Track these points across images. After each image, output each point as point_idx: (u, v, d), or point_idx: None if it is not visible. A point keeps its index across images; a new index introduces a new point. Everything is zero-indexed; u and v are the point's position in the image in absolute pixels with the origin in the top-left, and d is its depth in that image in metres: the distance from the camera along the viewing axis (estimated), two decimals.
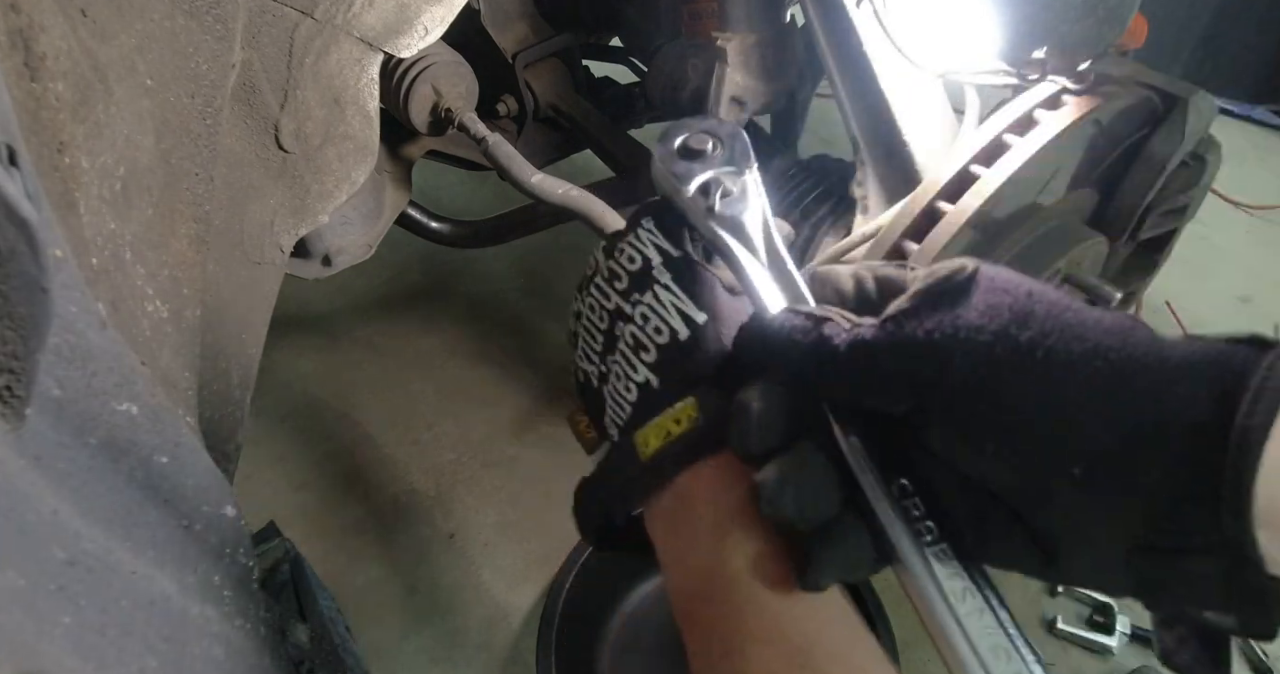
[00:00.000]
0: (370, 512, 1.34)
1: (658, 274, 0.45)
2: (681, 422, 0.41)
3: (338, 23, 0.64)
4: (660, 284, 0.45)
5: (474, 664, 1.15)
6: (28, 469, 0.29)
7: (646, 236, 0.46)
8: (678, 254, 0.45)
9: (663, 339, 0.44)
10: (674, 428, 0.41)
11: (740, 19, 0.96)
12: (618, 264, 0.47)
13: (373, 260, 1.16)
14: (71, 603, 0.30)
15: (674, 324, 0.43)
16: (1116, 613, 1.21)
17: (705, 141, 0.46)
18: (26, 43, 0.34)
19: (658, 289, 0.45)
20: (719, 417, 0.40)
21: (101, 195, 0.40)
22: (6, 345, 0.24)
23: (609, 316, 0.47)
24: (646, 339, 0.44)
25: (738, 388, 0.40)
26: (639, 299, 0.45)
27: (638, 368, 0.44)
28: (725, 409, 0.40)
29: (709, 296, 0.44)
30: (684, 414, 0.41)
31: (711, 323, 0.43)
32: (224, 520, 0.42)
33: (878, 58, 0.86)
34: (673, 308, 0.44)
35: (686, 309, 0.43)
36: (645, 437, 0.42)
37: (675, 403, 0.42)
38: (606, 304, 0.47)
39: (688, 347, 0.43)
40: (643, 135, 1.24)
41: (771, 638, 0.35)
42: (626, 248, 0.47)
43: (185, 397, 0.50)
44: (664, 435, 0.41)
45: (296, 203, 0.68)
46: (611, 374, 0.47)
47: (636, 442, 0.42)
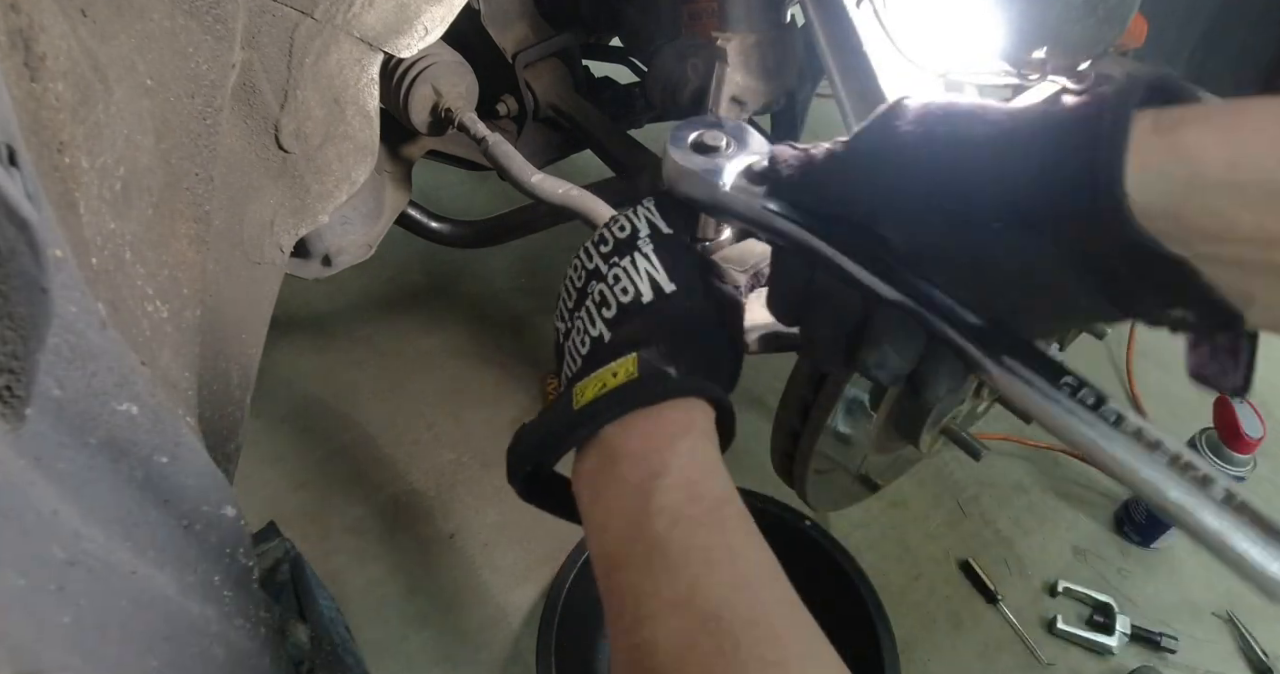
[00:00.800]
0: (370, 512, 1.34)
1: (641, 243, 0.46)
2: (619, 375, 0.41)
3: (338, 23, 0.64)
4: (640, 252, 0.46)
5: (474, 664, 1.15)
6: (28, 469, 0.29)
7: (643, 211, 0.48)
8: (668, 231, 0.47)
9: (626, 298, 0.45)
10: (610, 381, 0.41)
11: (740, 19, 0.96)
12: (609, 231, 0.48)
13: (373, 260, 1.16)
14: (71, 603, 0.30)
15: (641, 286, 0.44)
16: (1116, 613, 1.21)
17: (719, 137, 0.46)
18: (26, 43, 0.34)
19: (636, 255, 0.46)
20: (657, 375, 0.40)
21: (101, 195, 0.40)
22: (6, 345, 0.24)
23: (586, 275, 0.48)
24: (611, 297, 0.45)
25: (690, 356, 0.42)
26: (617, 261, 0.46)
27: (595, 322, 0.46)
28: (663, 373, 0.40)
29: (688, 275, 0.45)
30: (622, 368, 0.41)
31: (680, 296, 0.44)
32: (224, 520, 0.42)
33: (878, 58, 0.86)
34: (645, 273, 0.45)
35: (657, 277, 0.44)
36: (583, 388, 0.42)
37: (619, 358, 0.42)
38: (588, 264, 0.49)
39: (648, 309, 0.44)
40: (643, 135, 1.24)
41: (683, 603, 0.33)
42: (620, 218, 0.49)
43: (185, 397, 0.50)
44: (599, 387, 0.41)
45: (296, 203, 0.68)
46: (574, 330, 0.48)
47: (574, 392, 0.42)
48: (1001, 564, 1.29)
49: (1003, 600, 1.24)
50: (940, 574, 1.29)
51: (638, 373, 0.40)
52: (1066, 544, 1.33)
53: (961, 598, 1.26)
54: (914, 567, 1.29)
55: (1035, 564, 1.30)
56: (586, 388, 0.41)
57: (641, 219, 0.48)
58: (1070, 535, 1.35)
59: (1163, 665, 1.18)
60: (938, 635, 1.21)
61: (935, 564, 1.30)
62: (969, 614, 1.23)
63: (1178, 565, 1.31)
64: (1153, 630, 1.20)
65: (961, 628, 1.22)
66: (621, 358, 0.42)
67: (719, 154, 0.46)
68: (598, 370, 0.42)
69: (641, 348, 0.42)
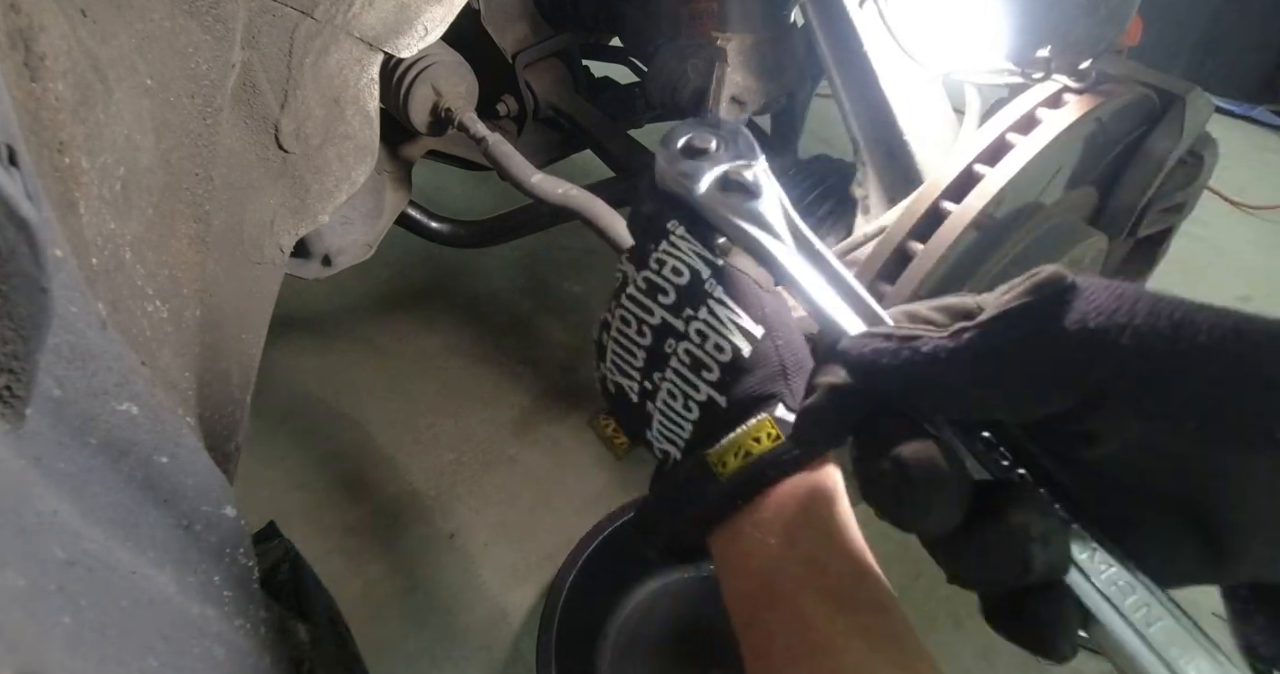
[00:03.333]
0: (370, 512, 1.34)
1: (709, 288, 0.44)
2: (762, 440, 0.41)
3: (338, 23, 0.64)
4: (714, 298, 0.44)
5: (474, 664, 1.15)
6: (28, 469, 0.29)
7: (686, 247, 0.45)
8: (720, 264, 0.45)
9: (725, 357, 0.43)
10: (754, 447, 0.41)
11: (740, 19, 0.96)
12: (660, 277, 0.45)
13: (373, 260, 1.16)
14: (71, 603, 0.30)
15: (735, 341, 0.43)
16: None
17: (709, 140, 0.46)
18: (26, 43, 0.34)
19: (713, 304, 0.44)
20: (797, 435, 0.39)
21: (101, 195, 0.40)
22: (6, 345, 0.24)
23: (653, 332, 0.46)
24: (707, 357, 0.43)
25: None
26: (693, 315, 0.44)
27: (699, 387, 0.44)
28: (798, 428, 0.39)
29: (760, 307, 0.44)
30: (762, 432, 0.41)
31: (769, 337, 0.43)
32: (224, 520, 0.42)
33: (878, 58, 0.86)
34: (731, 324, 0.43)
35: (745, 324, 0.43)
36: (722, 457, 0.42)
37: (746, 421, 0.42)
38: (649, 318, 0.46)
39: (750, 363, 0.43)
40: (643, 135, 1.24)
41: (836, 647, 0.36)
42: (668, 259, 0.45)
43: (185, 397, 0.50)
44: (744, 455, 0.41)
45: (296, 203, 0.68)
46: (661, 391, 0.46)
47: (712, 461, 0.42)
48: None
49: None
50: (940, 574, 1.28)
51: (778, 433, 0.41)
52: None
53: (961, 598, 1.25)
54: (914, 567, 1.29)
55: None
56: (726, 456, 0.42)
57: (692, 257, 0.44)
58: None
59: None
60: (938, 635, 1.21)
61: (935, 564, 1.29)
62: (969, 614, 1.23)
63: None
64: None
65: (961, 628, 1.22)
66: (753, 420, 0.42)
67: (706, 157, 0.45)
68: (731, 436, 0.42)
69: (764, 406, 0.42)
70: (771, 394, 0.42)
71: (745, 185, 0.44)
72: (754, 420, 0.41)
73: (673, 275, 0.45)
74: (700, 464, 0.42)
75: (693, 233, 0.45)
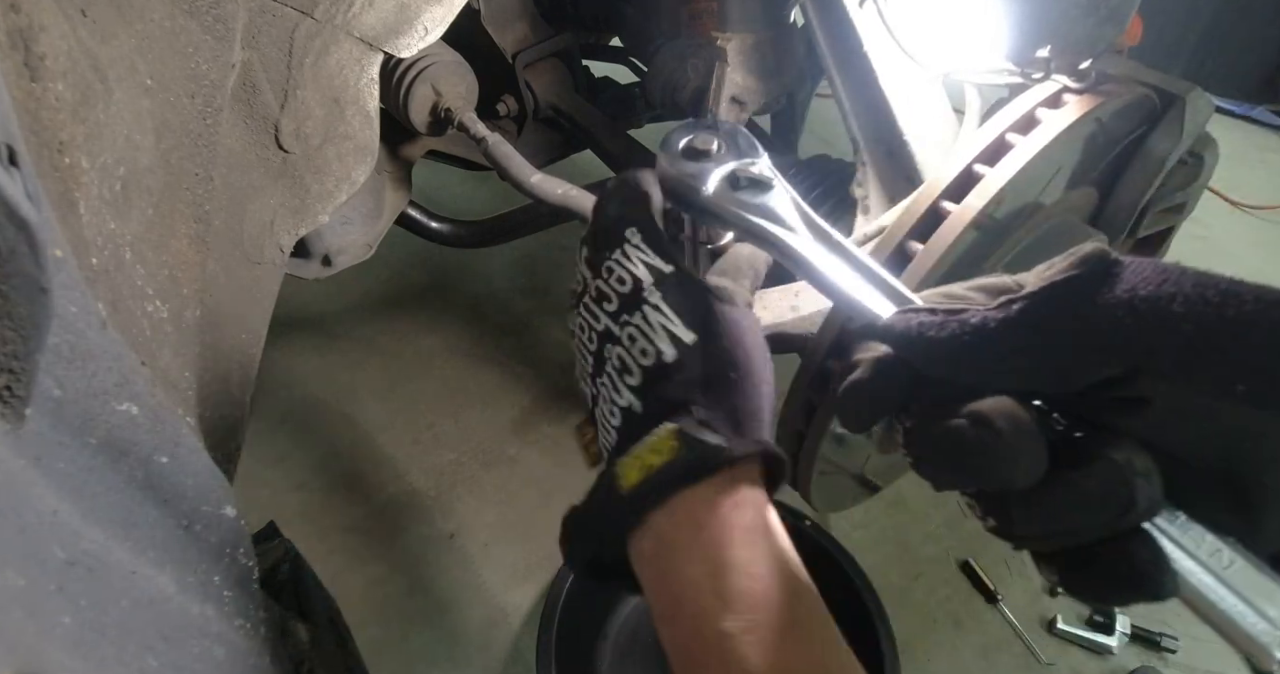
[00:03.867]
0: (370, 512, 1.34)
1: (648, 294, 0.43)
2: (662, 452, 0.39)
3: (338, 23, 0.64)
4: (650, 304, 0.43)
5: (474, 664, 1.15)
6: (28, 469, 0.29)
7: (635, 254, 0.45)
8: (669, 270, 0.44)
9: (648, 361, 0.42)
10: (653, 460, 0.39)
11: (740, 19, 0.96)
12: (607, 285, 0.45)
13: (373, 260, 1.16)
14: (71, 603, 0.30)
15: (660, 345, 0.42)
16: (1117, 613, 1.21)
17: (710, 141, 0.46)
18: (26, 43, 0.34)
19: (646, 309, 0.43)
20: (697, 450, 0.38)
21: (101, 195, 0.40)
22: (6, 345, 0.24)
23: (598, 338, 0.46)
24: (632, 361, 0.43)
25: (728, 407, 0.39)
26: (627, 320, 0.44)
27: (622, 392, 0.43)
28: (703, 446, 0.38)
29: (701, 315, 0.42)
30: (664, 444, 0.39)
31: (700, 344, 0.42)
32: (224, 520, 0.42)
33: (878, 58, 0.86)
34: (660, 328, 0.42)
35: (674, 330, 0.42)
36: (625, 468, 0.40)
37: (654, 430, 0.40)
38: (596, 326, 0.46)
39: (672, 369, 0.41)
40: (643, 135, 1.24)
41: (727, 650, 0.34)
42: (615, 267, 0.45)
43: (185, 397, 0.50)
44: (642, 468, 0.39)
45: (296, 203, 0.68)
46: (600, 397, 0.45)
47: (616, 474, 0.40)
48: (1001, 564, 1.29)
49: (1003, 600, 1.24)
50: (940, 574, 1.29)
51: (680, 447, 0.39)
52: None
53: (961, 598, 1.26)
54: (914, 567, 1.29)
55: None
56: (628, 469, 0.40)
57: (638, 264, 0.44)
58: None
59: (1163, 665, 1.18)
60: (938, 635, 1.21)
61: (935, 564, 1.30)
62: (969, 614, 1.23)
63: None
64: (1153, 630, 1.19)
65: (961, 628, 1.22)
66: (658, 431, 0.40)
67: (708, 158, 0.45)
68: (636, 448, 0.40)
69: (678, 415, 0.40)
70: (685, 402, 0.40)
71: (755, 181, 0.44)
72: (659, 431, 0.40)
73: (617, 284, 0.45)
74: (609, 477, 0.41)
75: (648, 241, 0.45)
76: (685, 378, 0.41)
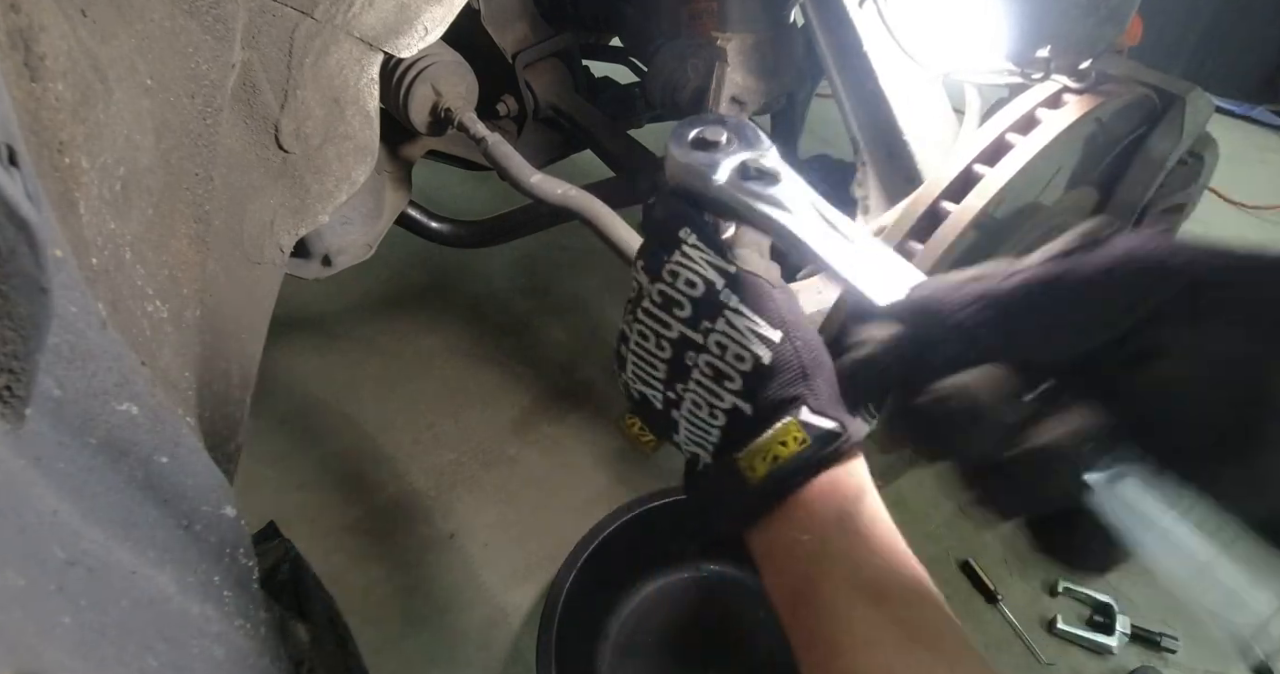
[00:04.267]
0: (370, 512, 1.34)
1: (724, 298, 0.44)
2: (789, 444, 0.42)
3: (338, 23, 0.64)
4: (730, 308, 0.44)
5: (474, 664, 1.15)
6: (28, 469, 0.29)
7: (698, 256, 0.45)
8: (733, 270, 0.45)
9: (746, 366, 0.43)
10: (781, 451, 0.42)
11: (740, 19, 0.96)
12: (674, 290, 0.45)
13: (373, 260, 1.16)
14: (71, 603, 0.30)
15: (755, 350, 0.43)
16: (1116, 613, 1.21)
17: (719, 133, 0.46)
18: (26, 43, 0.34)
19: (729, 314, 0.44)
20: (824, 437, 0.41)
21: (101, 195, 0.40)
22: (6, 345, 0.24)
23: (672, 345, 0.46)
24: (728, 368, 0.44)
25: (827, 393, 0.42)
26: (710, 327, 0.44)
27: (723, 396, 0.44)
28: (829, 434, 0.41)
29: (775, 310, 0.44)
30: (789, 436, 0.42)
31: (787, 340, 0.43)
32: (224, 520, 0.42)
33: (878, 58, 0.86)
34: (750, 332, 0.43)
35: (762, 331, 0.43)
36: (750, 461, 0.42)
37: (772, 425, 0.42)
38: (666, 332, 0.46)
39: (772, 370, 0.43)
40: (643, 135, 1.24)
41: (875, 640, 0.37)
42: (681, 271, 0.45)
43: (185, 397, 0.50)
44: (772, 459, 0.42)
45: (296, 203, 0.68)
46: (686, 401, 0.46)
47: (742, 467, 0.43)
48: (1001, 564, 1.29)
49: (1003, 600, 1.23)
50: (940, 574, 1.29)
51: (806, 437, 0.42)
52: None
53: (961, 598, 1.26)
54: None
55: (1035, 564, 1.29)
56: (754, 461, 0.42)
57: (705, 266, 0.45)
58: None
59: (1163, 665, 1.18)
60: None
61: (935, 564, 1.30)
62: (969, 614, 1.23)
63: None
64: (1153, 630, 1.19)
65: None
66: (778, 424, 0.42)
67: (718, 150, 0.46)
68: (759, 440, 0.42)
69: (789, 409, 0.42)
70: (795, 397, 0.43)
71: (765, 172, 0.45)
72: (780, 424, 0.42)
73: (687, 288, 0.45)
74: (731, 469, 0.43)
75: (704, 240, 0.45)
76: (788, 376, 0.43)
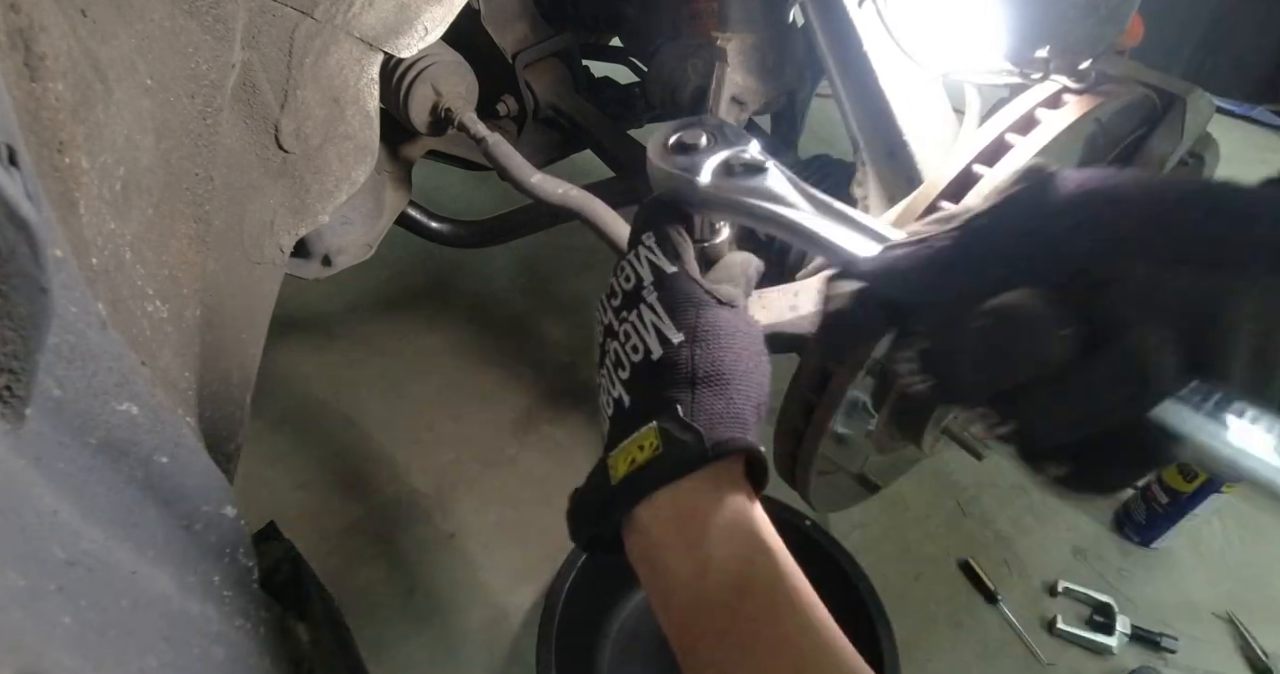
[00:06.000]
0: (370, 512, 1.34)
1: (645, 293, 0.46)
2: (645, 448, 0.41)
3: (338, 23, 0.64)
4: (645, 303, 0.45)
5: (474, 664, 1.15)
6: (28, 469, 0.29)
7: (644, 253, 0.47)
8: (671, 270, 0.45)
9: (637, 357, 0.44)
10: (637, 455, 0.41)
11: (740, 19, 0.96)
12: (617, 282, 0.48)
13: (373, 260, 1.16)
14: (71, 603, 0.30)
15: (648, 341, 0.44)
16: (1116, 613, 1.21)
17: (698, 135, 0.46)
18: (26, 43, 0.34)
19: (642, 308, 0.45)
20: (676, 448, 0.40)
21: (101, 195, 0.40)
22: (6, 345, 0.24)
23: (603, 332, 0.49)
24: (624, 356, 0.45)
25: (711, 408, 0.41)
26: (625, 317, 0.46)
27: (615, 385, 0.46)
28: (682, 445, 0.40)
29: (692, 317, 0.44)
30: (647, 441, 0.41)
31: (687, 344, 0.43)
32: (224, 520, 0.42)
33: (878, 58, 0.86)
34: (651, 327, 0.44)
35: (664, 329, 0.44)
36: (615, 461, 0.43)
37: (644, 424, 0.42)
38: (603, 319, 0.49)
39: (658, 367, 0.43)
40: (643, 135, 1.24)
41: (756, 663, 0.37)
42: (626, 266, 0.48)
43: (185, 397, 0.50)
44: (629, 462, 0.42)
45: (296, 203, 0.68)
46: (601, 389, 0.48)
47: (609, 464, 0.43)
48: (1001, 564, 1.29)
49: (1003, 600, 1.24)
50: (940, 574, 1.29)
51: (660, 445, 0.41)
52: (1066, 544, 1.33)
53: (961, 598, 1.26)
54: (914, 567, 1.29)
55: (1035, 564, 1.30)
56: (618, 461, 0.42)
57: (644, 263, 0.47)
58: (1070, 535, 1.35)
59: (1163, 665, 1.18)
60: (938, 635, 1.21)
61: (935, 564, 1.30)
62: (969, 614, 1.23)
63: (1178, 565, 1.31)
64: (1153, 630, 1.19)
65: (961, 628, 1.22)
66: (644, 427, 0.42)
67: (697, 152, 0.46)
68: (625, 442, 0.42)
69: (663, 412, 0.42)
70: (669, 400, 0.42)
71: (749, 166, 0.45)
72: (644, 428, 0.42)
73: (624, 281, 0.47)
74: (602, 466, 0.44)
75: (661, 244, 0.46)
76: (672, 377, 0.43)
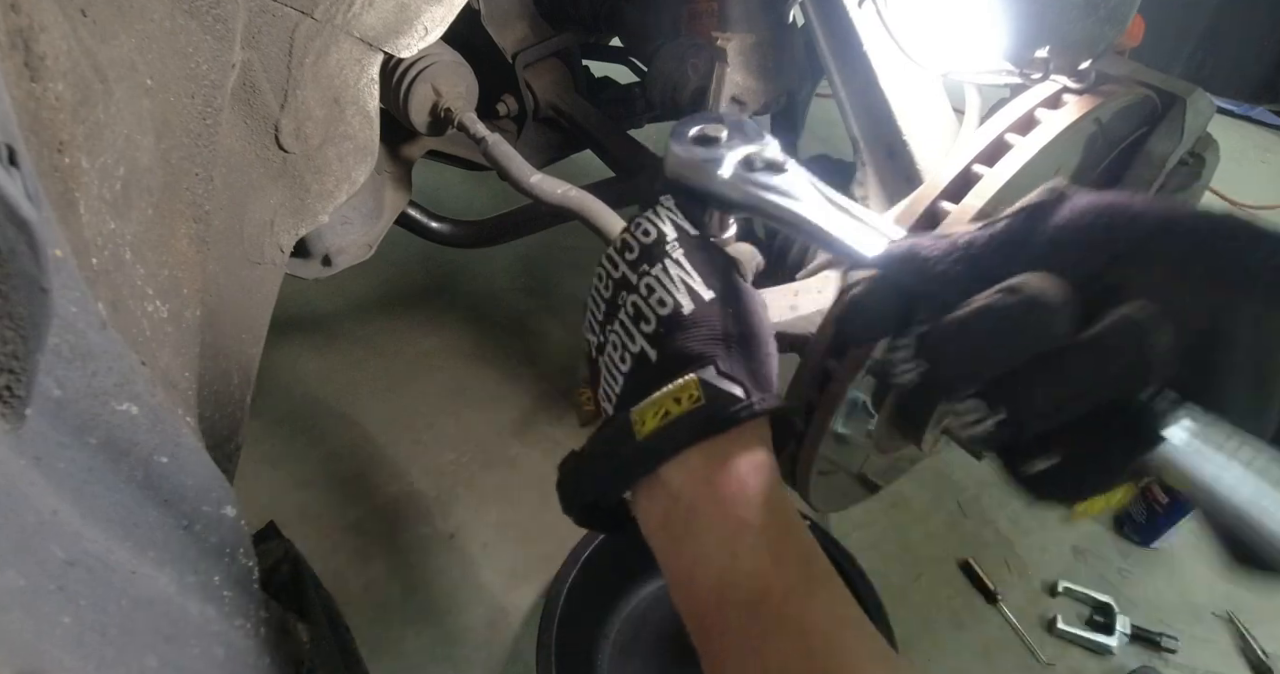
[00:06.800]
0: (370, 512, 1.34)
1: (670, 248, 0.44)
2: (682, 401, 0.39)
3: (338, 23, 0.64)
4: (671, 258, 0.43)
5: (474, 664, 1.15)
6: (28, 469, 0.29)
7: (665, 213, 0.46)
8: (695, 233, 0.45)
9: (665, 310, 0.42)
10: (673, 407, 0.39)
11: (740, 19, 0.96)
12: (632, 237, 0.46)
13: (373, 260, 1.16)
14: (71, 603, 0.30)
15: (679, 297, 0.42)
16: (1116, 613, 1.21)
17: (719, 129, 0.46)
18: (26, 43, 0.34)
19: (668, 262, 0.43)
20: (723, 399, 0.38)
21: (101, 195, 0.40)
22: (6, 345, 0.24)
23: (614, 285, 0.46)
24: (648, 309, 0.43)
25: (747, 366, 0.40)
26: (647, 270, 0.44)
27: (635, 338, 0.43)
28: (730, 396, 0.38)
29: (721, 278, 0.43)
30: (685, 393, 0.39)
31: (719, 302, 0.42)
32: (224, 520, 0.42)
33: (878, 58, 0.86)
34: (680, 282, 0.42)
35: (694, 285, 0.42)
36: (642, 415, 0.40)
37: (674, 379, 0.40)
38: (614, 273, 0.46)
39: (690, 321, 0.41)
40: (643, 135, 1.24)
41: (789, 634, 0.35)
42: (643, 222, 0.46)
43: (185, 397, 0.50)
44: (662, 415, 0.39)
45: (296, 203, 0.68)
46: (609, 344, 0.45)
47: (633, 419, 0.40)
48: (1001, 564, 1.29)
49: (1003, 600, 1.24)
50: (940, 574, 1.29)
51: (702, 397, 0.39)
52: (1066, 544, 1.33)
53: (961, 598, 1.26)
54: (914, 567, 1.29)
55: (1035, 564, 1.30)
56: (645, 415, 0.40)
57: (665, 221, 0.45)
58: (1070, 535, 1.35)
59: (1163, 665, 1.18)
60: (938, 635, 1.21)
61: (935, 564, 1.30)
62: (969, 614, 1.23)
63: (1178, 565, 1.31)
64: (1153, 630, 1.20)
65: (961, 628, 1.22)
66: (680, 379, 0.39)
67: (719, 145, 0.46)
68: (655, 394, 0.40)
69: (695, 366, 0.40)
70: (705, 354, 0.40)
71: (769, 163, 0.45)
72: (680, 380, 0.40)
73: (642, 236, 0.46)
74: (622, 422, 0.41)
75: (682, 206, 0.46)
76: (706, 332, 0.41)
